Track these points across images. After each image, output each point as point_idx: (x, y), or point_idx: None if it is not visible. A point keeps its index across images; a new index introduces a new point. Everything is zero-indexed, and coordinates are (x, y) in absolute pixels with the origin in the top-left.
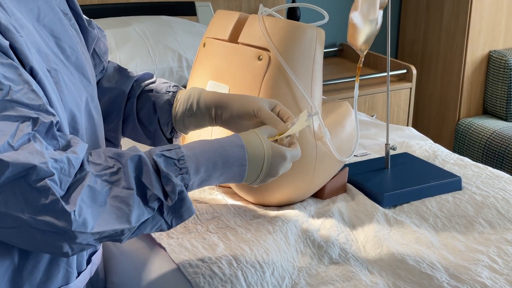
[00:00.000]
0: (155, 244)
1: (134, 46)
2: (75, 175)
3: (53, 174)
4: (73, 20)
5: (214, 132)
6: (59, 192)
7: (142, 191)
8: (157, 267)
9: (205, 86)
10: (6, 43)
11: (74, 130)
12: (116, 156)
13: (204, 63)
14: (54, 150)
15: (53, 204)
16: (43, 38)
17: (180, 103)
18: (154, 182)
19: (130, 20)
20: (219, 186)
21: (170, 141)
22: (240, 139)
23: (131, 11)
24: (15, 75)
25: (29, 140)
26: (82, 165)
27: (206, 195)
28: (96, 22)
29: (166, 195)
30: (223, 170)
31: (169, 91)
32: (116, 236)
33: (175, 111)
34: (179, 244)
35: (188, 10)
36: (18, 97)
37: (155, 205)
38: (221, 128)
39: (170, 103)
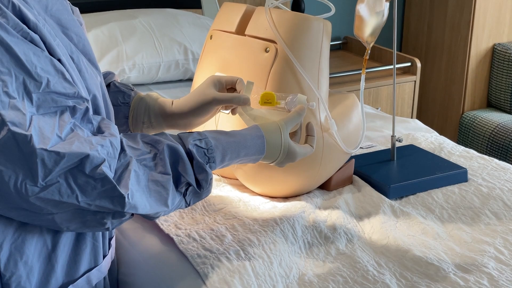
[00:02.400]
0: (163, 235)
1: (140, 39)
2: (119, 158)
3: (104, 160)
4: None
5: (219, 123)
6: (112, 176)
7: (177, 178)
8: (166, 257)
9: None
10: (37, 36)
11: (96, 114)
12: (152, 142)
13: (211, 55)
14: (91, 133)
15: (110, 190)
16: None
17: (133, 118)
18: (188, 170)
19: (136, 13)
20: (226, 177)
21: None
22: (262, 134)
23: (136, 4)
24: (50, 66)
25: (72, 130)
26: (122, 148)
27: (214, 186)
28: (101, 15)
29: (197, 182)
30: (243, 158)
31: (124, 102)
32: (151, 216)
33: (131, 124)
34: (187, 235)
35: (194, 3)
36: (56, 88)
37: (183, 189)
38: (227, 119)
39: (125, 115)
